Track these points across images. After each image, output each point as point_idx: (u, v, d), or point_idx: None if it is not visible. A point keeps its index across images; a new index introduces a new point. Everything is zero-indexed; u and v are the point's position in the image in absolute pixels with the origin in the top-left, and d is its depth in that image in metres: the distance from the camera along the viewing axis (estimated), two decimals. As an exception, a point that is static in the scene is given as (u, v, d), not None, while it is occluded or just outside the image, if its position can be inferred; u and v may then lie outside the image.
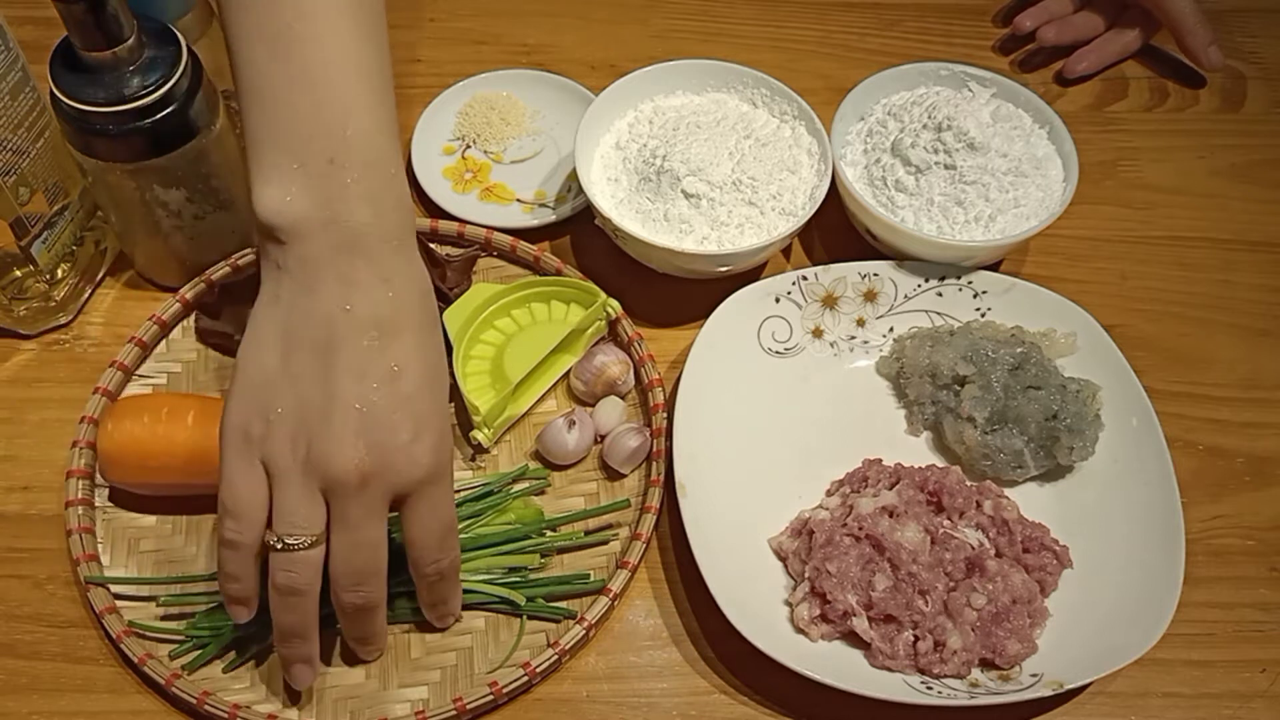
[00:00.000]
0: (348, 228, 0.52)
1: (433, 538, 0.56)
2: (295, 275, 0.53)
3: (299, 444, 0.52)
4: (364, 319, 0.52)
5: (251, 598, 0.56)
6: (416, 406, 0.53)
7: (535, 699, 0.62)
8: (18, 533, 0.67)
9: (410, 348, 0.53)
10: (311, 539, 0.53)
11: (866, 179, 0.76)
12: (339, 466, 0.51)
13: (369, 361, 0.52)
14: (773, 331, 0.73)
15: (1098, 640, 0.61)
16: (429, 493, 0.54)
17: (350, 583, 0.55)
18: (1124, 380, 0.70)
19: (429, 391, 0.54)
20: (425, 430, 0.53)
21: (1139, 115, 0.89)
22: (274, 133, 0.53)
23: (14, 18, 0.66)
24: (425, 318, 0.55)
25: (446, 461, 0.55)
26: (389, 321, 0.53)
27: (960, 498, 0.66)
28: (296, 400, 0.52)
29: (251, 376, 0.53)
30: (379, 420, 0.52)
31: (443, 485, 0.55)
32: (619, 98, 0.77)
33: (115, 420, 0.63)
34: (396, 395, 0.52)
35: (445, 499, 0.56)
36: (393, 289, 0.53)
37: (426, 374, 0.54)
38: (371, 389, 0.52)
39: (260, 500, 0.53)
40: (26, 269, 0.71)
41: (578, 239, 0.79)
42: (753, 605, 0.62)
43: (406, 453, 0.52)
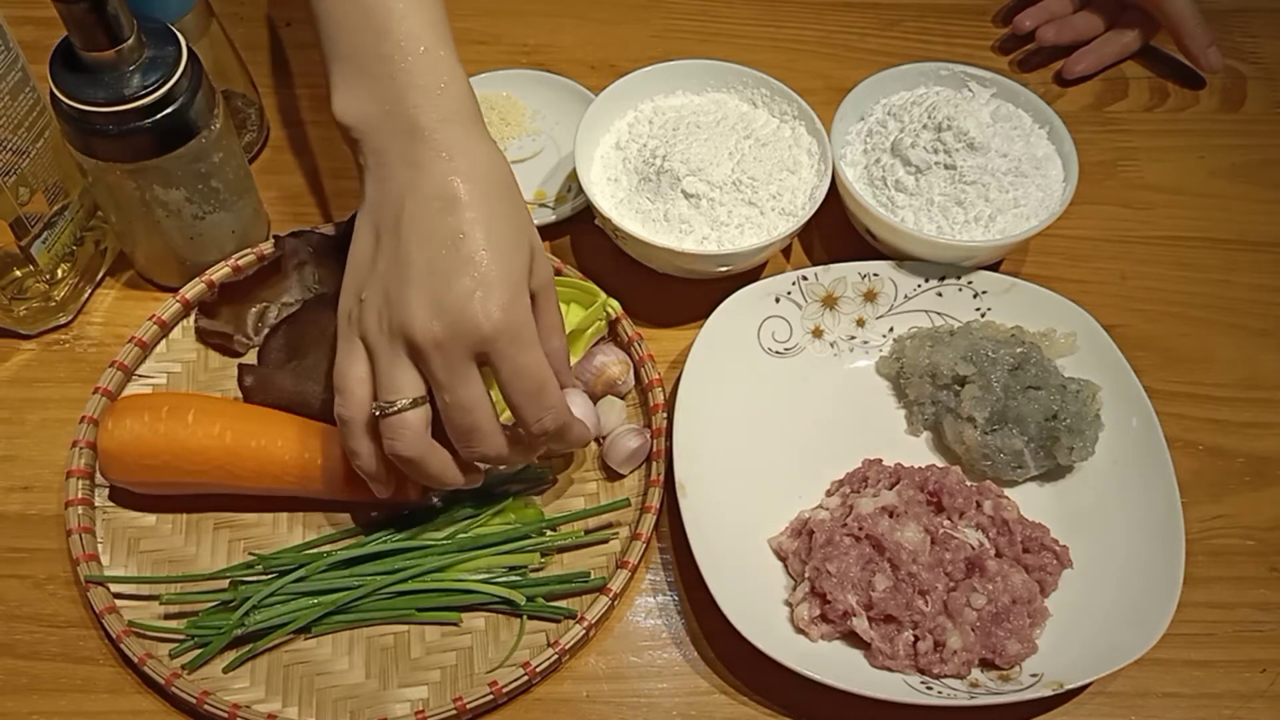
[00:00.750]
0: (404, 114, 0.57)
1: (524, 398, 0.57)
2: (371, 169, 0.59)
3: (384, 317, 0.56)
4: (428, 193, 0.56)
5: (380, 472, 0.60)
6: (482, 266, 0.55)
7: (535, 699, 0.62)
8: (18, 533, 0.67)
9: (475, 213, 0.56)
10: (408, 401, 0.56)
11: (866, 179, 0.76)
12: (414, 331, 0.55)
13: (434, 230, 0.56)
14: (773, 331, 0.73)
15: (1098, 640, 0.61)
16: (506, 351, 0.56)
17: (460, 442, 0.58)
18: (1124, 380, 0.70)
19: (496, 252, 0.56)
20: (493, 288, 0.55)
21: (1139, 115, 0.89)
22: (335, 47, 0.60)
23: (14, 18, 0.66)
24: (491, 186, 0.58)
25: (520, 319, 0.56)
26: (451, 192, 0.56)
27: (960, 498, 0.66)
28: (378, 277, 0.57)
29: (351, 268, 0.60)
30: (445, 283, 0.55)
31: (520, 343, 0.56)
32: (619, 98, 0.77)
33: (116, 418, 0.63)
34: (460, 257, 0.55)
35: (525, 357, 0.56)
36: (454, 162, 0.57)
37: (492, 237, 0.56)
38: (439, 255, 0.55)
39: (361, 375, 0.58)
40: (26, 269, 0.71)
41: (578, 239, 0.79)
42: (753, 605, 0.62)
43: (472, 309, 0.54)
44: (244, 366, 0.69)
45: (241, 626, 0.61)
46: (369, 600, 0.63)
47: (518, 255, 0.57)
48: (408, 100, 0.57)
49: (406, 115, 0.57)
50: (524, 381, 0.57)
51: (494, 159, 0.59)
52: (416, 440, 0.57)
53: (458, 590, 0.63)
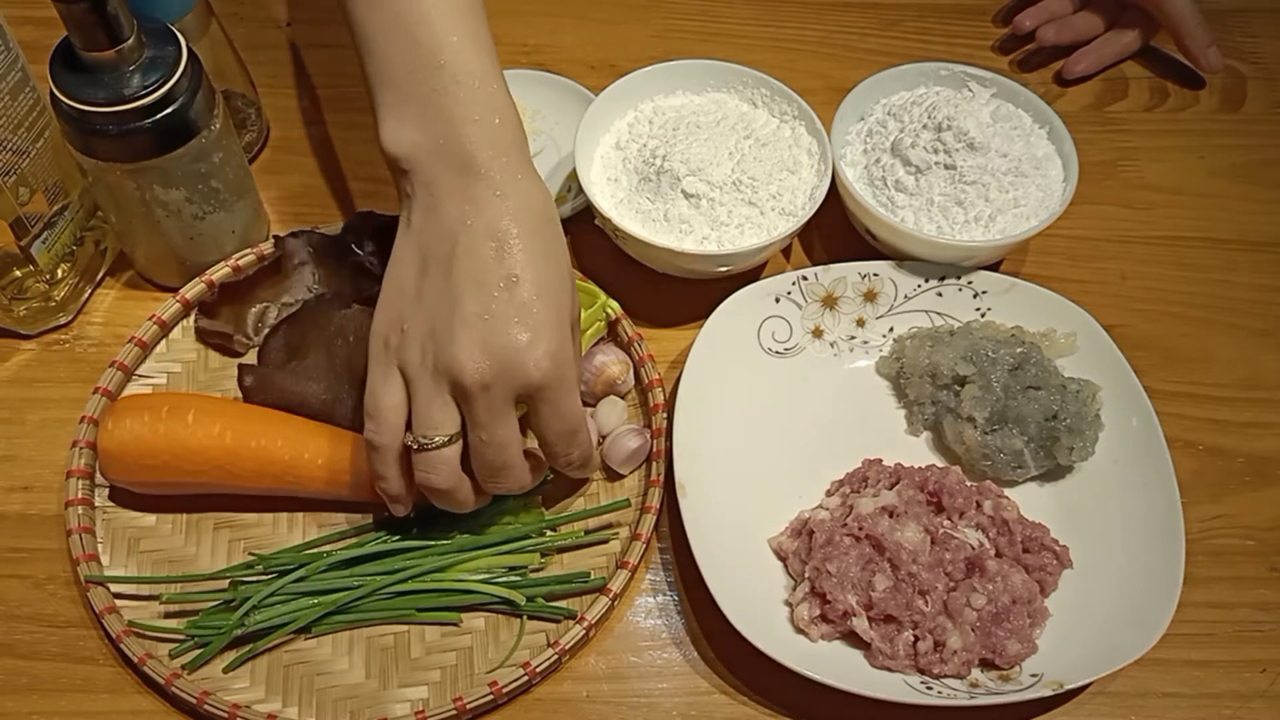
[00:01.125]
0: (458, 148, 0.57)
1: (558, 438, 0.59)
2: (420, 200, 0.58)
3: (428, 352, 0.56)
4: (481, 231, 0.56)
5: (403, 495, 0.60)
6: (534, 313, 0.56)
7: (535, 699, 0.62)
8: (18, 533, 0.67)
9: (526, 256, 0.56)
10: (445, 439, 0.57)
11: (866, 179, 0.76)
12: (461, 373, 0.55)
13: (487, 271, 0.56)
14: (773, 331, 0.73)
15: (1098, 640, 0.61)
16: (550, 397, 0.57)
17: (486, 476, 0.59)
18: (1124, 380, 0.70)
19: (546, 298, 0.56)
20: (543, 336, 0.56)
21: (1139, 115, 0.89)
22: (381, 75, 0.59)
23: (14, 18, 0.66)
24: (542, 226, 0.58)
25: (566, 366, 0.57)
26: (505, 232, 0.56)
27: (960, 498, 0.66)
28: (425, 311, 0.57)
29: (390, 294, 0.59)
30: (497, 328, 0.55)
31: (563, 389, 0.57)
32: (619, 98, 0.77)
33: (116, 418, 0.63)
34: (514, 303, 0.56)
35: (567, 402, 0.58)
36: (507, 201, 0.57)
37: (542, 281, 0.57)
38: (491, 298, 0.56)
39: (396, 404, 0.58)
40: (26, 269, 0.71)
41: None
42: (753, 605, 0.62)
43: (524, 358, 0.55)
44: (244, 366, 0.69)
45: (241, 626, 0.61)
46: (369, 600, 0.63)
47: (564, 298, 0.58)
48: (463, 134, 0.57)
49: (462, 149, 0.57)
50: (562, 423, 0.58)
51: (543, 197, 0.59)
52: (450, 474, 0.58)
53: (458, 590, 0.63)
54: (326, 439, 0.66)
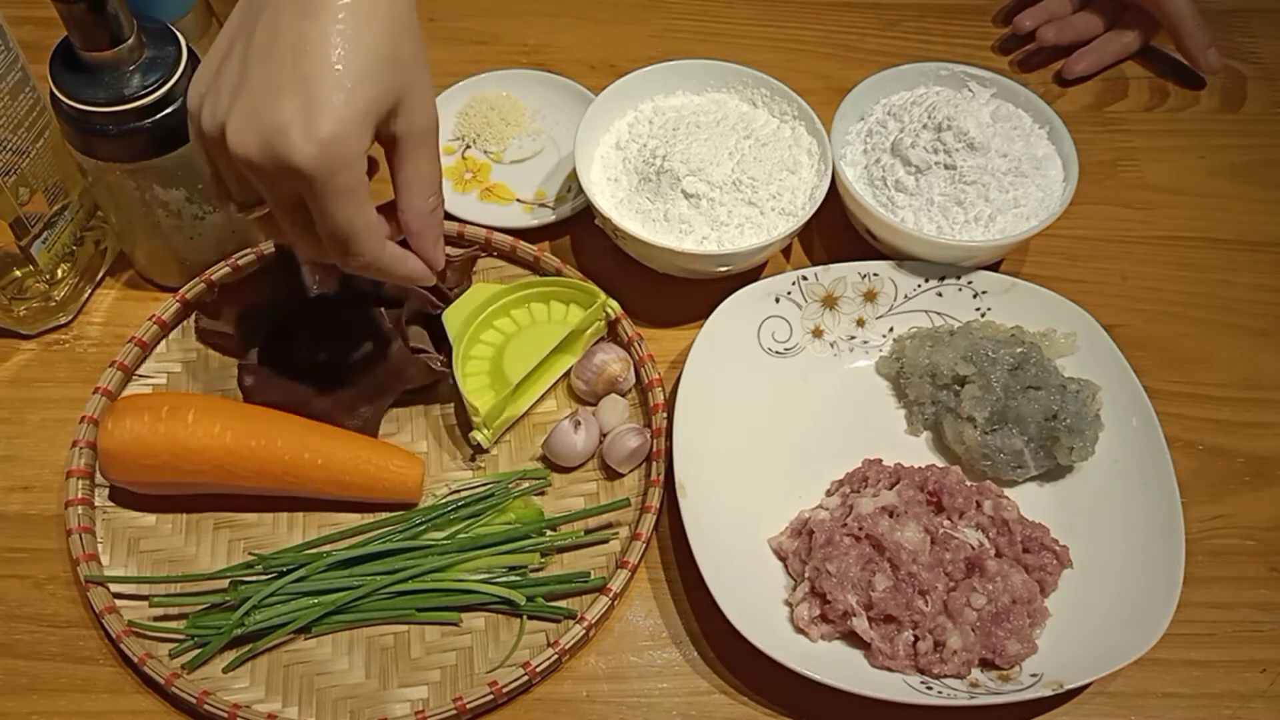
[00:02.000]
0: None
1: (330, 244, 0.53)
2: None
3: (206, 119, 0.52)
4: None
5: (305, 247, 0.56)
6: (312, 89, 0.49)
7: (535, 699, 0.62)
8: (18, 533, 0.67)
9: (329, 27, 0.49)
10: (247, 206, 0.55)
11: (866, 179, 0.76)
12: (232, 145, 0.50)
13: (279, 36, 0.50)
14: (773, 331, 0.73)
15: (1098, 640, 0.61)
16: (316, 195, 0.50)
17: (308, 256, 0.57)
18: (1124, 380, 0.70)
19: (336, 77, 0.49)
20: (319, 116, 0.49)
21: (1139, 115, 0.89)
22: None
23: (14, 18, 0.66)
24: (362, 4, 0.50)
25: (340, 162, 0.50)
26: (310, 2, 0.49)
27: (960, 498, 0.66)
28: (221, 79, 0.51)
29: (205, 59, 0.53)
30: (268, 101, 0.49)
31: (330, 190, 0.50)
32: (619, 98, 0.77)
33: (116, 418, 0.63)
34: (294, 74, 0.49)
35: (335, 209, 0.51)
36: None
37: (340, 58, 0.49)
38: (274, 66, 0.49)
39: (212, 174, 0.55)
40: (26, 269, 0.71)
41: (578, 239, 0.79)
42: (753, 605, 0.62)
43: (288, 136, 0.49)
44: (244, 366, 0.69)
45: (241, 626, 0.61)
46: (369, 600, 0.63)
47: (368, 87, 0.50)
48: None
49: None
50: (329, 228, 0.52)
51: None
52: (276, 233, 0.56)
53: (458, 590, 0.63)
54: (326, 439, 0.66)
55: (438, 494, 0.68)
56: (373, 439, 0.68)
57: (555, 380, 0.72)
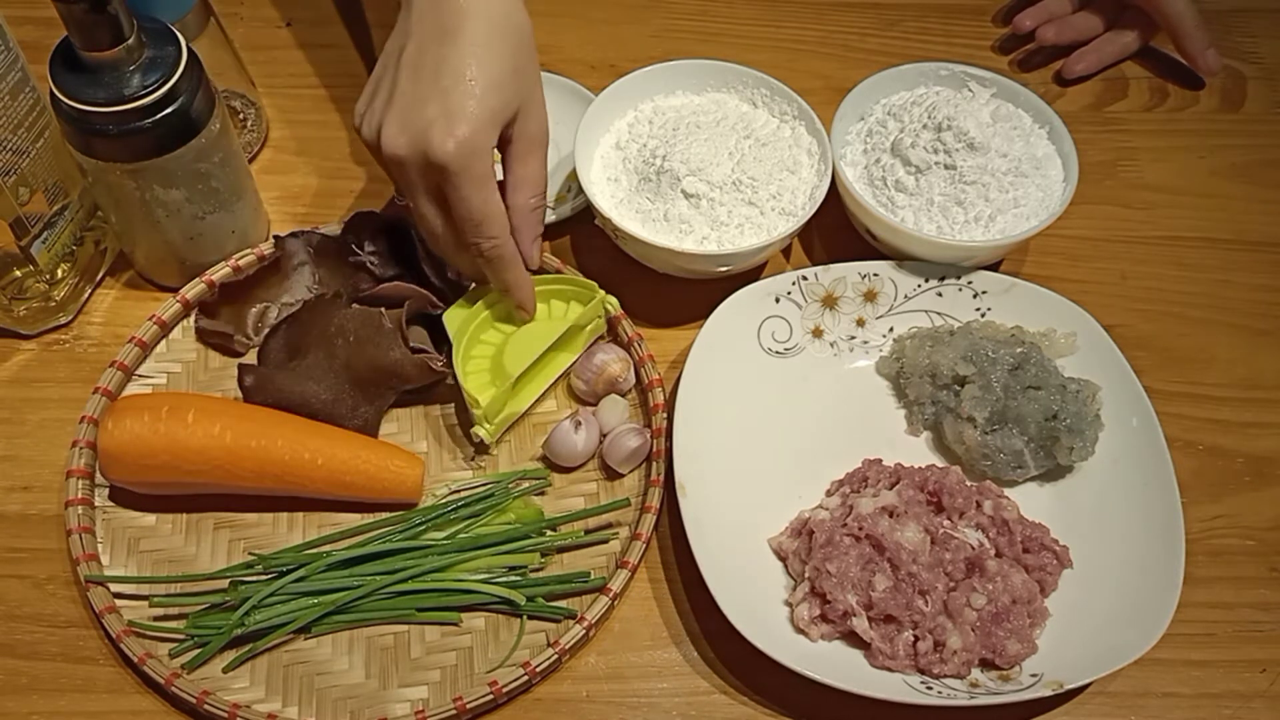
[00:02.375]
0: None
1: (462, 223, 0.63)
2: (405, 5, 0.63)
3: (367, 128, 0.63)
4: (432, 25, 0.61)
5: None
6: (454, 98, 0.60)
7: (535, 699, 0.62)
8: (18, 533, 0.67)
9: (463, 48, 0.60)
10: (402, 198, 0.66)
11: (866, 179, 0.76)
12: (382, 147, 0.61)
13: (423, 57, 0.61)
14: (773, 331, 0.73)
15: (1098, 640, 0.61)
16: (455, 182, 0.61)
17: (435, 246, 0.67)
18: (1124, 380, 0.70)
19: (469, 88, 0.60)
20: (457, 120, 0.60)
21: (1139, 115, 0.89)
22: None
23: (14, 18, 0.66)
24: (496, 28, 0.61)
25: (474, 156, 0.60)
26: (452, 26, 0.60)
27: (960, 498, 0.66)
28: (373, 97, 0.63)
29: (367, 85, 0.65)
30: (415, 107, 0.60)
31: (466, 178, 0.61)
32: (619, 98, 0.77)
33: (116, 419, 0.63)
34: (435, 86, 0.60)
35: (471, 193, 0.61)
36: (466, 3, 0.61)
37: (474, 72, 0.60)
38: (419, 80, 0.61)
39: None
40: (26, 269, 0.71)
41: (578, 239, 0.79)
42: (753, 605, 0.62)
43: (430, 135, 0.60)
44: (244, 366, 0.69)
45: (241, 626, 0.61)
46: (369, 600, 0.63)
47: (495, 96, 0.61)
48: None
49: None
50: (466, 212, 0.62)
51: (509, 6, 0.62)
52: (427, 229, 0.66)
53: (458, 590, 0.63)
54: (326, 439, 0.66)
55: (438, 494, 0.68)
56: (373, 439, 0.68)
57: (556, 378, 0.72)
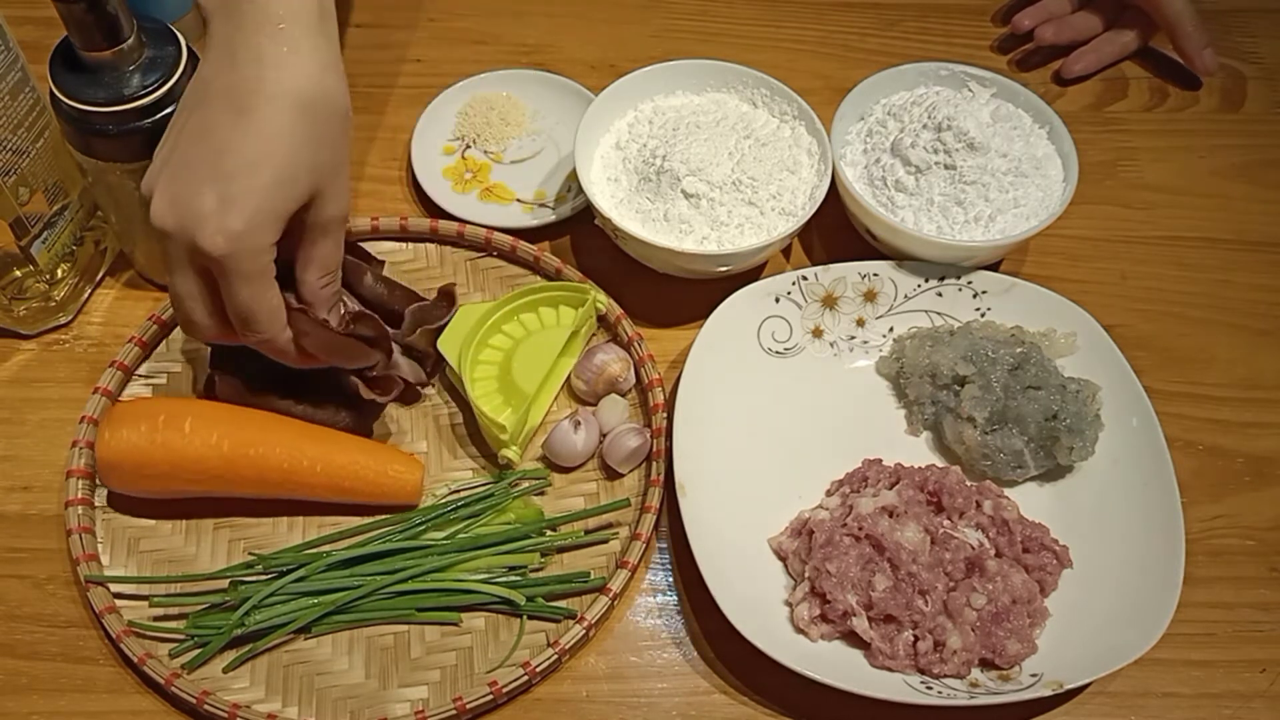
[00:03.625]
0: (238, 8, 0.55)
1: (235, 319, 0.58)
2: (204, 51, 0.58)
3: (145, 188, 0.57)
4: (224, 90, 0.55)
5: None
6: (232, 188, 0.54)
7: (535, 699, 0.62)
8: (18, 533, 0.67)
9: (255, 130, 0.54)
10: None
11: (866, 179, 0.76)
12: (151, 213, 0.56)
13: (209, 130, 0.55)
14: (773, 331, 0.73)
15: (1098, 640, 0.61)
16: (225, 277, 0.56)
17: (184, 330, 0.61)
18: (1124, 380, 0.70)
19: (256, 180, 0.54)
20: (230, 212, 0.54)
21: (1139, 115, 0.89)
22: None
23: (14, 18, 0.66)
24: (295, 108, 0.55)
25: (246, 255, 0.55)
26: (244, 103, 0.54)
27: (960, 498, 0.66)
28: (159, 153, 0.57)
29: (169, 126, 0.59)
30: (191, 188, 0.54)
31: (237, 276, 0.55)
32: (619, 98, 0.77)
33: (112, 428, 0.63)
34: (216, 169, 0.54)
35: (241, 289, 0.56)
36: (265, 71, 0.54)
37: (262, 161, 0.54)
38: (201, 157, 0.54)
39: None
40: (26, 269, 0.71)
41: (578, 239, 0.79)
42: (753, 605, 0.62)
43: (201, 224, 0.54)
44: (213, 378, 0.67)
45: (241, 626, 0.61)
46: (369, 600, 0.63)
47: (284, 191, 0.55)
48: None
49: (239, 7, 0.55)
50: (234, 306, 0.57)
51: (316, 81, 0.56)
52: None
53: (458, 590, 0.63)
54: (325, 445, 0.66)
55: (438, 494, 0.68)
56: (371, 442, 0.68)
57: (562, 383, 0.72)
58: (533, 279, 0.76)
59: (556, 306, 0.73)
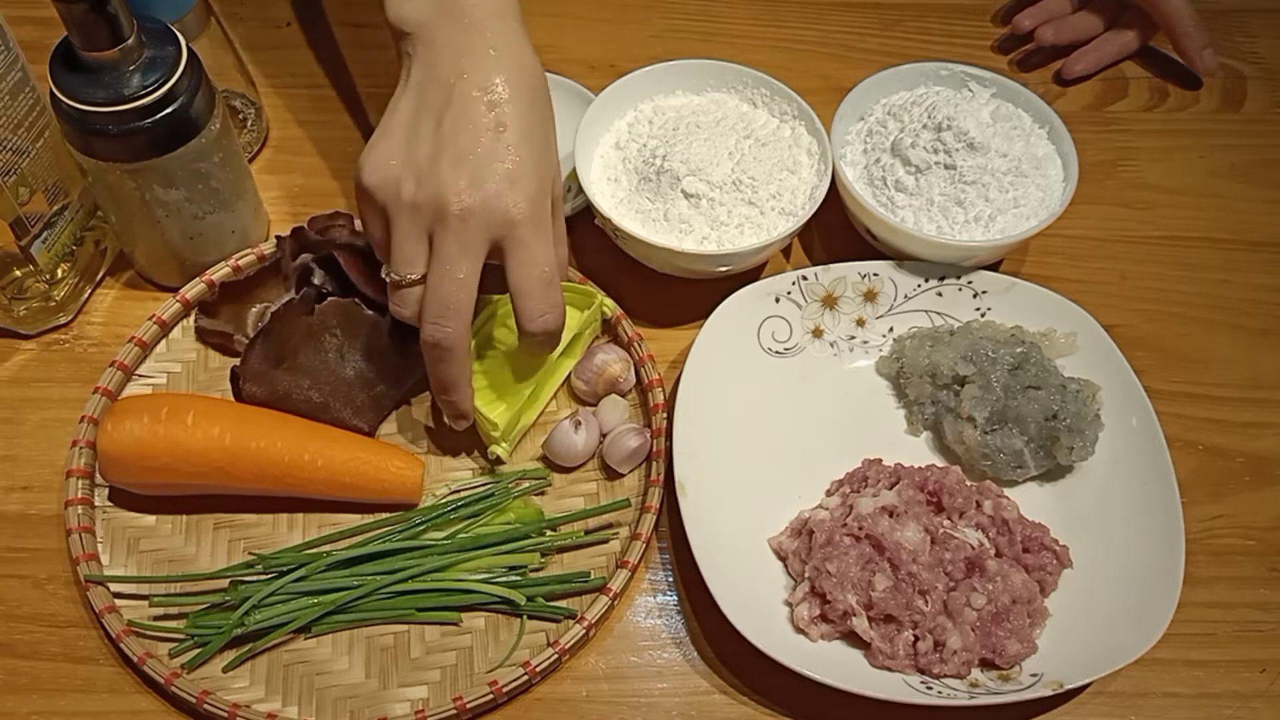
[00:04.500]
0: (458, 9, 0.61)
1: (534, 284, 0.61)
2: (421, 58, 0.62)
3: (411, 188, 0.59)
4: (474, 83, 0.60)
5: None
6: (518, 156, 0.59)
7: (535, 699, 0.62)
8: (18, 533, 0.67)
9: (515, 109, 0.60)
10: (416, 275, 0.60)
11: (866, 179, 0.76)
12: (445, 202, 0.58)
13: (478, 117, 0.59)
14: (773, 331, 0.73)
15: (1098, 640, 0.61)
16: (523, 237, 0.60)
17: (433, 314, 0.60)
18: (1124, 380, 0.70)
19: (531, 150, 0.60)
20: (524, 179, 0.59)
21: (1139, 115, 0.89)
22: None
23: (14, 18, 0.66)
24: (532, 87, 0.61)
25: (543, 215, 0.60)
26: (496, 86, 0.60)
27: (960, 498, 0.66)
28: (413, 154, 0.60)
29: (380, 140, 0.61)
30: (484, 164, 0.59)
31: (540, 234, 0.60)
32: (619, 98, 0.77)
33: (115, 421, 0.63)
34: (500, 144, 0.59)
35: (544, 250, 0.60)
36: (503, 58, 0.60)
37: (529, 134, 0.60)
38: (479, 140, 0.59)
39: (380, 240, 0.63)
40: (26, 269, 0.71)
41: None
42: (753, 605, 0.62)
43: (504, 194, 0.59)
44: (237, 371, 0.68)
45: (241, 626, 0.61)
46: (369, 600, 0.63)
47: (548, 158, 0.62)
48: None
49: (463, 10, 0.60)
50: (538, 269, 0.60)
51: (535, 62, 0.62)
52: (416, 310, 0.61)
53: (458, 590, 0.63)
54: (326, 440, 0.66)
55: (438, 494, 0.68)
56: (373, 440, 0.68)
57: (559, 384, 0.72)
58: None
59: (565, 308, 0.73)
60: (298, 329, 0.68)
